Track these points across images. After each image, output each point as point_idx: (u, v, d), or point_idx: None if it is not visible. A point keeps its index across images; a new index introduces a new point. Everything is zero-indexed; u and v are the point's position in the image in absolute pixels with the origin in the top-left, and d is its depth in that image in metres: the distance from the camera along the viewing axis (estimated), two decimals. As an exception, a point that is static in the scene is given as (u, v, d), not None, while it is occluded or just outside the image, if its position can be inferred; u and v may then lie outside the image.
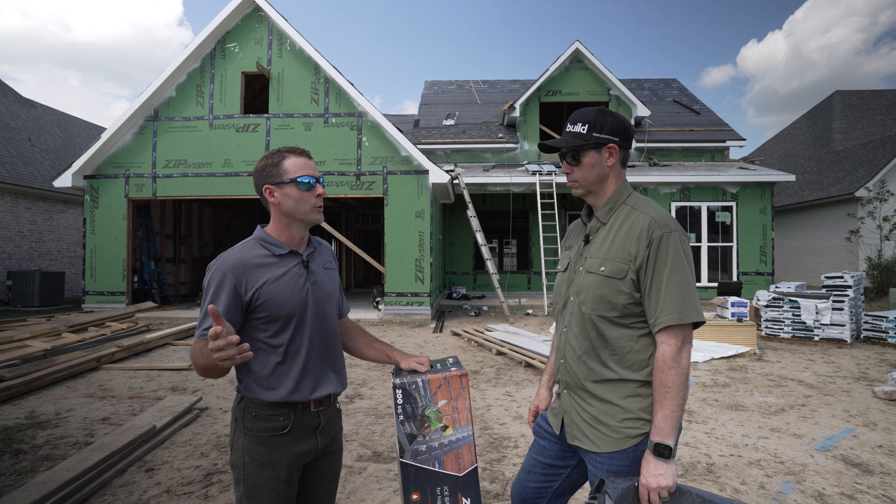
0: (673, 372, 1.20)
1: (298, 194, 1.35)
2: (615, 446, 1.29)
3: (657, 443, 1.20)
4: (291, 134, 9.65)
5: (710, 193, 11.32)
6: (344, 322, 1.64)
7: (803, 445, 3.37)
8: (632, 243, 1.28)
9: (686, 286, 1.23)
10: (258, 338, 1.33)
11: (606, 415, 1.31)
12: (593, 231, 1.40)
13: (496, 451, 3.28)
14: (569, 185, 1.42)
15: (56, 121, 16.18)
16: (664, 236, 1.26)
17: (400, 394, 1.44)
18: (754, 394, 4.63)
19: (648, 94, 16.07)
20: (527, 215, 13.47)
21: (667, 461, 1.19)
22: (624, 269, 1.28)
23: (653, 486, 1.18)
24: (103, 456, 2.82)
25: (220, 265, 1.30)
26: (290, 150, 1.39)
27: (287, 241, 1.40)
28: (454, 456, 1.45)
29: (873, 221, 13.00)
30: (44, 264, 12.70)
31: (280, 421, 1.33)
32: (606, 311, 1.30)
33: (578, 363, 1.36)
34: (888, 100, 18.72)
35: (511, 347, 6.39)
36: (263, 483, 1.31)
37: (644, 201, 1.36)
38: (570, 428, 1.39)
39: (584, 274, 1.37)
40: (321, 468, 1.44)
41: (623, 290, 1.28)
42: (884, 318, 7.04)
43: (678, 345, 1.22)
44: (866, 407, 4.22)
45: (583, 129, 1.34)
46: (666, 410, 1.20)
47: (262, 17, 9.72)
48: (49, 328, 6.75)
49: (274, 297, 1.31)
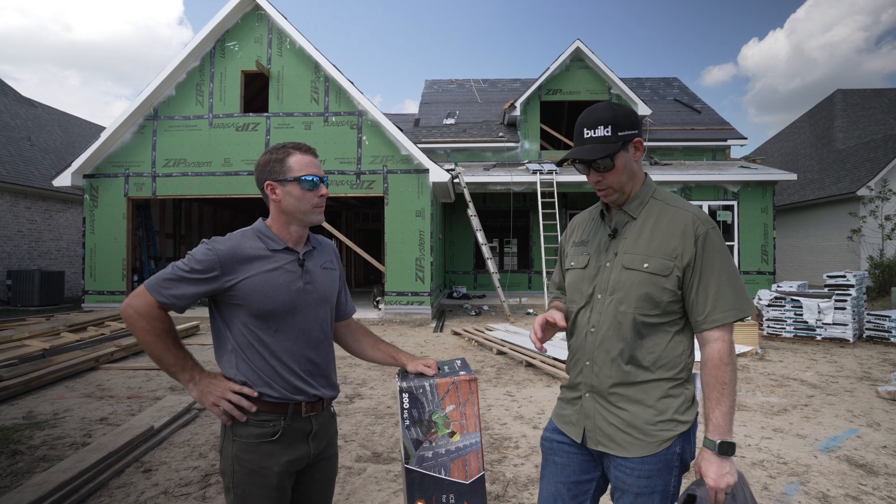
0: (729, 368, 1.20)
1: (301, 193, 1.32)
2: (648, 450, 1.24)
3: (722, 441, 1.18)
4: (291, 133, 9.62)
5: (712, 192, 11.28)
6: (348, 322, 1.60)
7: (807, 446, 3.34)
8: (675, 239, 1.24)
9: (737, 281, 1.23)
10: (245, 333, 1.30)
11: (639, 418, 1.26)
12: (621, 225, 1.33)
13: (497, 452, 3.25)
14: (601, 194, 1.34)
15: (56, 120, 16.16)
16: (709, 232, 1.24)
17: (406, 398, 1.39)
18: (757, 394, 4.60)
19: (649, 92, 16.03)
20: (527, 214, 13.45)
21: (730, 459, 1.19)
22: (669, 265, 1.24)
23: (722, 486, 1.17)
24: (101, 457, 2.79)
25: (214, 248, 1.27)
26: (295, 147, 1.35)
27: (284, 237, 1.36)
28: (461, 463, 1.40)
29: (875, 220, 12.96)
30: (43, 264, 12.69)
31: (270, 427, 1.29)
32: (650, 309, 1.25)
33: (612, 365, 1.28)
34: (890, 98, 18.67)
35: (512, 347, 6.36)
36: (254, 491, 1.27)
37: (673, 196, 1.34)
38: (593, 433, 1.31)
39: (619, 270, 1.29)
40: (315, 474, 1.40)
41: (668, 288, 1.24)
42: (886, 317, 7.01)
43: (730, 340, 1.22)
44: (870, 407, 4.18)
45: (606, 131, 1.25)
46: (724, 407, 1.19)
47: (262, 15, 9.69)
48: (48, 328, 6.72)
49: (259, 291, 1.27)
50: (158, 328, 1.25)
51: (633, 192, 1.33)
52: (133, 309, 1.23)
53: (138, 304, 1.24)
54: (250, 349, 1.30)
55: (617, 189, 1.31)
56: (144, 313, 1.23)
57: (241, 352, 1.30)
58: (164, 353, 1.26)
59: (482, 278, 13.22)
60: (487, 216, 13.44)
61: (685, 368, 1.29)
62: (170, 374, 1.29)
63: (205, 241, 1.30)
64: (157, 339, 1.25)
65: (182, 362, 1.28)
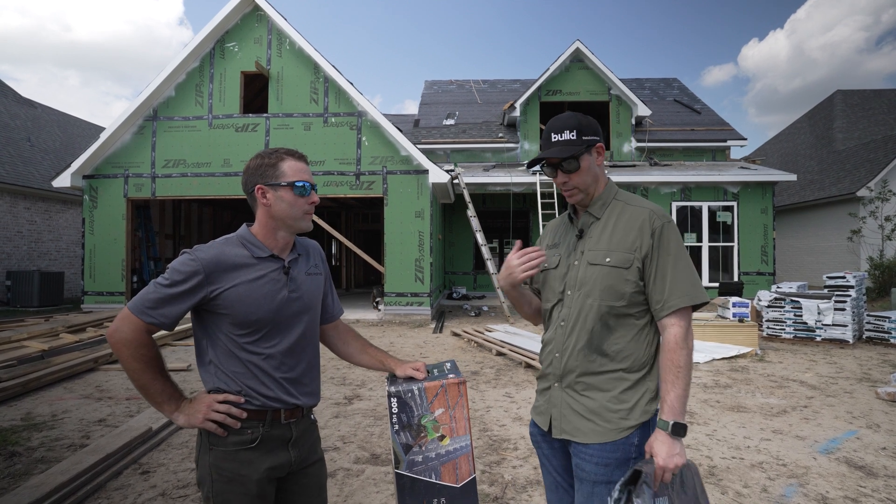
0: (684, 352, 1.26)
1: (293, 199, 1.30)
2: (606, 437, 1.30)
3: (675, 423, 1.23)
4: (291, 133, 9.63)
5: (711, 193, 11.28)
6: (336, 325, 1.58)
7: (806, 447, 3.34)
8: (634, 234, 1.34)
9: (691, 270, 1.32)
10: (226, 342, 1.28)
11: (604, 407, 1.32)
12: (586, 226, 1.43)
13: (495, 454, 3.24)
14: (566, 194, 1.44)
15: (56, 121, 16.17)
16: (665, 225, 1.34)
17: (395, 403, 1.39)
18: (756, 395, 4.60)
19: (649, 93, 16.03)
20: (527, 215, 13.44)
21: (680, 441, 1.24)
22: (630, 258, 1.33)
23: (670, 466, 1.21)
24: (98, 458, 2.79)
25: (196, 257, 1.24)
26: (288, 153, 1.34)
27: (270, 244, 1.34)
28: (451, 466, 1.41)
29: (875, 221, 12.96)
30: (43, 264, 12.69)
31: (248, 434, 1.26)
32: (614, 300, 1.33)
33: (578, 355, 1.36)
34: (889, 99, 18.67)
35: (511, 348, 6.36)
36: (234, 499, 1.24)
37: (634, 196, 1.44)
38: (558, 422, 1.38)
39: (584, 266, 1.38)
40: (301, 480, 1.38)
41: (630, 279, 1.33)
42: (886, 318, 7.00)
43: (686, 325, 1.29)
44: (869, 408, 4.18)
45: (572, 135, 1.37)
46: (678, 390, 1.24)
47: (262, 16, 9.70)
48: (47, 329, 6.72)
49: (243, 301, 1.25)
50: (145, 356, 1.22)
51: (597, 194, 1.43)
52: (120, 335, 1.19)
53: (125, 330, 1.20)
54: (230, 357, 1.28)
55: (582, 189, 1.41)
56: (130, 340, 1.19)
57: (220, 361, 1.28)
58: (150, 384, 1.23)
59: (482, 279, 13.22)
60: (487, 217, 13.44)
61: (649, 362, 1.36)
62: (154, 406, 1.26)
63: (186, 250, 1.27)
64: (145, 368, 1.22)
65: (168, 393, 1.25)
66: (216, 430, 1.25)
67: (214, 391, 1.28)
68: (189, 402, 1.27)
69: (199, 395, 1.29)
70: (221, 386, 1.28)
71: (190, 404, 1.26)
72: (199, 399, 1.27)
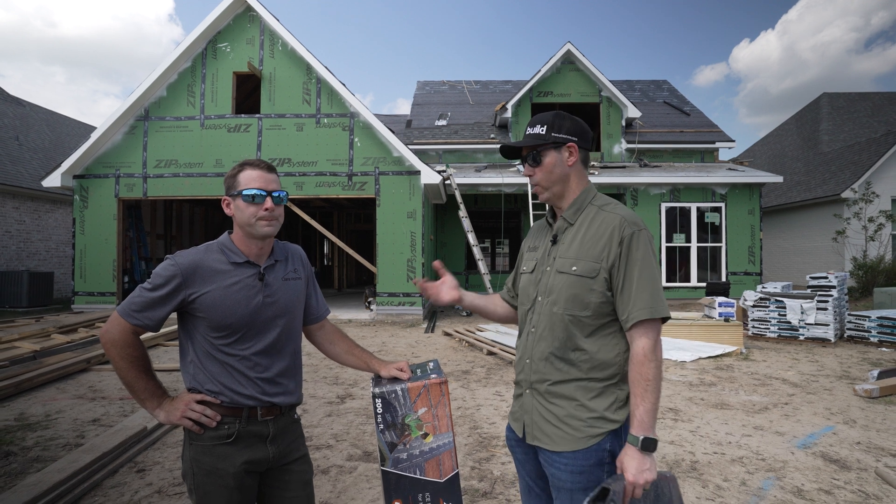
0: (652, 365, 1.22)
1: (244, 206, 1.35)
2: (577, 445, 1.28)
3: (645, 438, 1.19)
4: (283, 134, 9.65)
5: (700, 194, 11.45)
6: (323, 325, 1.63)
7: (785, 443, 3.46)
8: (603, 242, 1.30)
9: (656, 283, 1.27)
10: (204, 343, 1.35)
11: (571, 415, 1.30)
12: (560, 231, 1.40)
13: (485, 451, 3.32)
14: (533, 191, 1.44)
15: (44, 119, 16.02)
16: (634, 234, 1.28)
17: (380, 403, 1.45)
18: (739, 392, 4.72)
19: (639, 95, 16.20)
20: (518, 215, 13.55)
21: (651, 455, 1.21)
22: (596, 268, 1.29)
23: (640, 482, 1.18)
24: (94, 457, 2.83)
25: (175, 262, 1.32)
26: (249, 163, 1.40)
27: (246, 251, 1.40)
28: (435, 462, 1.46)
29: (859, 222, 13.22)
30: (32, 264, 12.59)
31: (225, 429, 1.34)
32: (579, 310, 1.30)
33: (545, 363, 1.35)
34: (874, 102, 19.02)
35: (501, 347, 6.44)
36: (213, 491, 1.32)
37: (610, 201, 1.38)
38: (530, 428, 1.37)
39: (554, 274, 1.36)
40: (284, 476, 1.44)
41: (595, 289, 1.29)
42: (866, 317, 7.18)
43: (654, 337, 1.25)
44: (847, 405, 4.31)
45: (541, 129, 1.36)
46: (647, 404, 1.21)
47: (254, 16, 9.71)
48: (38, 329, 6.71)
49: (218, 306, 1.33)
50: (132, 355, 1.31)
51: (570, 196, 1.40)
52: (109, 336, 1.30)
53: (114, 331, 1.30)
54: (208, 357, 1.36)
55: (545, 187, 1.39)
56: (118, 340, 1.30)
57: (200, 360, 1.36)
58: (135, 381, 1.32)
59: (473, 279, 13.30)
60: (479, 217, 13.52)
61: (619, 371, 1.31)
62: (139, 402, 1.35)
63: (168, 255, 1.35)
64: (130, 366, 1.31)
65: (151, 390, 1.34)
66: (193, 428, 1.33)
67: (193, 390, 1.37)
68: (171, 401, 1.36)
69: (181, 394, 1.38)
70: (200, 384, 1.36)
71: (171, 402, 1.35)
72: (179, 398, 1.36)
